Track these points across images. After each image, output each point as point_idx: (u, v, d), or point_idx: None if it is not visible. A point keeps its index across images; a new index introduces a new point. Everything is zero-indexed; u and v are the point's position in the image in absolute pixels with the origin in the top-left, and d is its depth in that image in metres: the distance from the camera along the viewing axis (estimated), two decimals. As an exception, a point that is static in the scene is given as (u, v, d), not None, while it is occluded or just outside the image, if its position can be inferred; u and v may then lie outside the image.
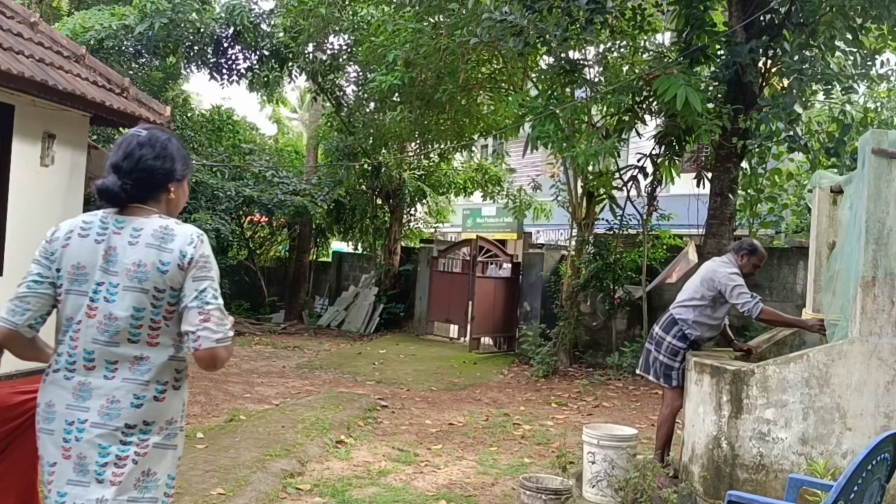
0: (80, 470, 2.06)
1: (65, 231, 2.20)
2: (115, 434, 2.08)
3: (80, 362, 2.12)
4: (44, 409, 2.14)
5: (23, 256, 6.44)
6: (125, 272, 2.11)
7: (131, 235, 2.14)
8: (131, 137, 2.23)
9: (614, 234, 11.76)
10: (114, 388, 2.09)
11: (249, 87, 16.68)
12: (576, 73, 9.86)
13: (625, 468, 4.80)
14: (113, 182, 2.15)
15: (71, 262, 2.16)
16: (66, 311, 2.16)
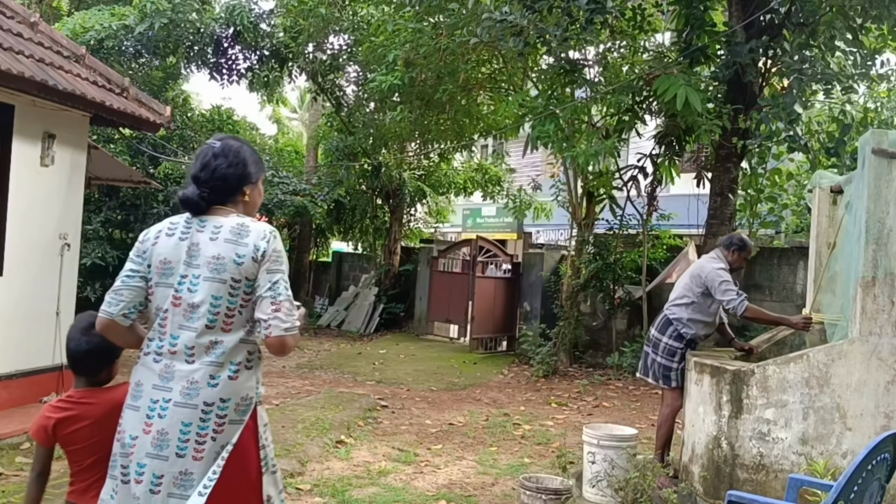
0: (159, 444, 2.27)
1: (154, 232, 2.46)
2: (193, 412, 2.28)
3: (167, 347, 2.34)
4: (133, 387, 2.37)
5: (23, 256, 6.44)
6: (206, 265, 2.34)
7: (212, 232, 2.38)
8: (207, 149, 2.49)
9: (614, 234, 11.76)
10: (192, 371, 2.31)
11: (249, 87, 16.67)
12: (576, 73, 9.86)
13: (625, 468, 4.80)
14: (192, 192, 2.41)
15: (159, 258, 2.39)
16: (156, 302, 2.39)
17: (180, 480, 2.27)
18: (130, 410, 2.36)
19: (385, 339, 14.98)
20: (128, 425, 2.34)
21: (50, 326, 6.78)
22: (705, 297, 5.21)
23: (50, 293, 6.79)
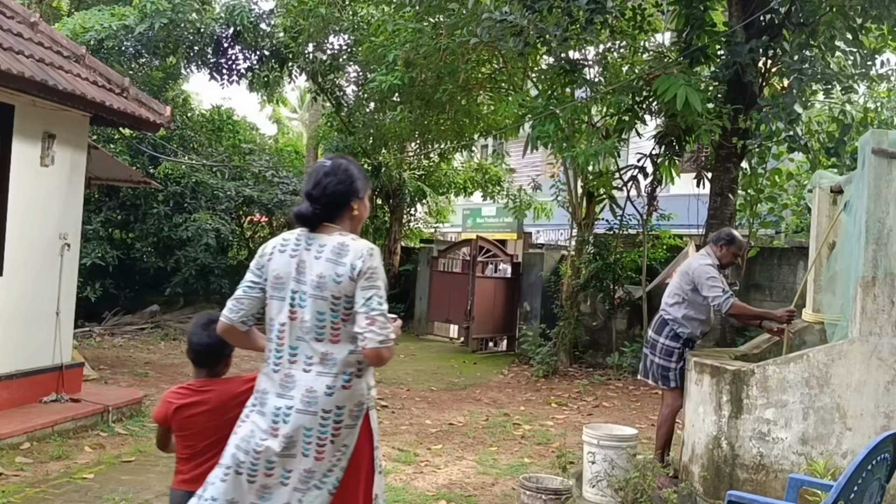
0: (286, 446, 2.50)
1: (270, 247, 2.67)
2: (315, 417, 2.50)
3: (286, 357, 2.57)
4: (259, 394, 2.60)
5: (23, 256, 6.44)
6: (311, 282, 2.55)
7: (317, 251, 2.59)
8: (319, 167, 2.71)
9: (614, 234, 11.76)
10: (310, 380, 2.52)
11: (249, 87, 16.66)
12: (576, 73, 9.85)
13: (625, 468, 4.80)
14: (306, 209, 2.62)
15: (273, 273, 2.61)
16: (271, 313, 2.61)
17: (304, 477, 2.52)
18: (257, 414, 2.57)
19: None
20: (257, 427, 2.55)
21: (50, 326, 6.78)
22: (696, 294, 5.22)
23: (50, 293, 6.79)
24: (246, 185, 15.78)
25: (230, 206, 15.78)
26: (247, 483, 2.53)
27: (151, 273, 15.27)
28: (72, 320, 7.17)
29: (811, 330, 5.28)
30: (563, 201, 12.01)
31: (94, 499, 4.65)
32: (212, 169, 15.62)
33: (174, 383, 9.57)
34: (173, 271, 15.05)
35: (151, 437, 6.40)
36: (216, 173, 15.71)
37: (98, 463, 5.45)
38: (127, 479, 5.04)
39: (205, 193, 15.29)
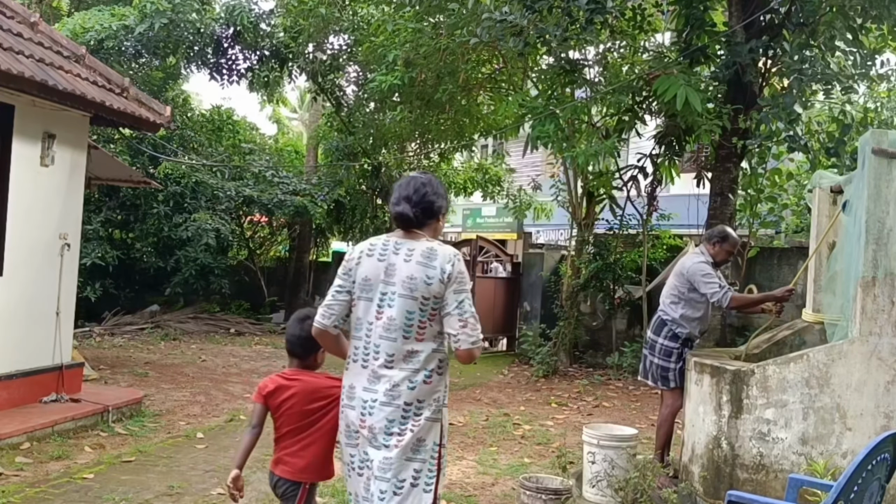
0: (372, 437, 2.72)
1: (357, 252, 2.88)
2: (396, 410, 2.70)
3: (372, 354, 2.76)
4: (347, 389, 2.82)
5: (23, 256, 6.44)
6: (401, 283, 2.74)
7: (406, 255, 2.78)
8: (416, 178, 2.93)
9: (614, 234, 11.76)
10: (394, 375, 2.72)
11: (249, 88, 16.66)
12: (576, 73, 9.86)
13: (625, 468, 4.80)
14: (406, 209, 2.82)
15: (362, 275, 2.81)
16: (359, 313, 2.82)
17: (381, 465, 2.70)
18: (348, 409, 2.81)
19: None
20: (350, 422, 2.79)
21: (50, 326, 6.78)
22: (693, 293, 5.23)
23: (50, 293, 6.79)
24: (246, 185, 15.78)
25: (230, 206, 15.78)
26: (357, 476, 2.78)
27: (151, 273, 15.27)
28: (72, 320, 7.18)
29: (811, 330, 5.27)
30: (563, 201, 12.01)
31: (94, 499, 4.65)
32: (212, 169, 15.62)
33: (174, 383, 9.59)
34: (173, 271, 15.05)
35: (151, 436, 6.41)
36: (216, 173, 15.71)
37: (98, 463, 5.45)
38: (127, 479, 5.04)
39: (205, 193, 15.29)
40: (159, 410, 7.44)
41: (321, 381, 3.12)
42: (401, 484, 2.70)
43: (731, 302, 5.12)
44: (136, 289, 15.71)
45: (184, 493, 4.81)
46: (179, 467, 5.39)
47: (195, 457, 5.70)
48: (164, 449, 5.93)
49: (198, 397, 8.25)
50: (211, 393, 8.54)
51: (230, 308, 16.52)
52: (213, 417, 7.35)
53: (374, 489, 2.70)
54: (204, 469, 5.36)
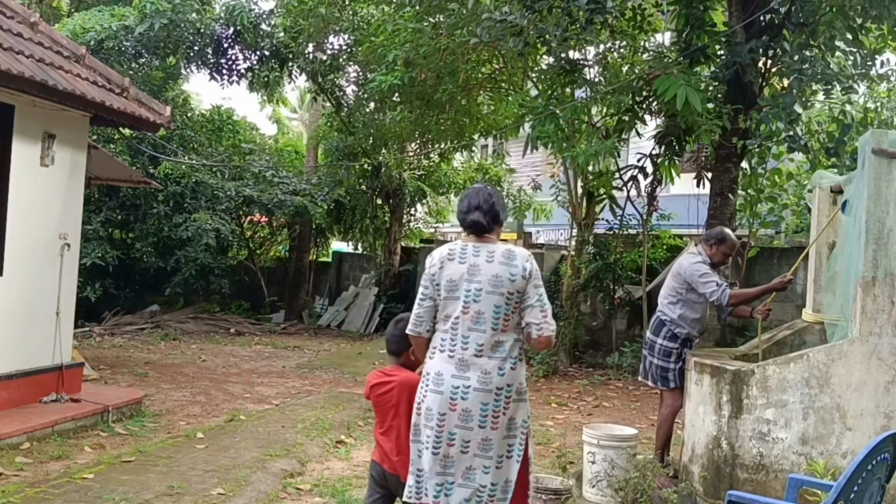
0: (464, 419, 3.08)
1: (437, 259, 3.22)
2: (489, 395, 3.09)
3: (459, 345, 3.12)
4: (434, 376, 3.14)
5: (23, 256, 6.44)
6: (487, 281, 3.12)
7: (487, 257, 3.17)
8: (483, 189, 3.33)
9: (614, 234, 11.76)
10: (484, 363, 3.10)
11: (249, 88, 16.66)
12: (576, 73, 9.85)
13: (625, 468, 4.80)
14: (479, 217, 3.21)
15: (446, 278, 3.16)
16: (446, 311, 3.17)
17: (482, 445, 3.10)
18: (434, 394, 3.12)
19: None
20: (434, 405, 3.11)
21: (50, 326, 6.78)
22: (691, 293, 5.23)
23: (50, 293, 6.79)
24: (246, 185, 15.78)
25: (230, 206, 15.78)
26: (432, 455, 3.09)
27: (151, 273, 15.27)
28: (72, 320, 7.17)
29: (811, 330, 5.28)
30: (563, 201, 12.01)
31: (94, 499, 4.65)
32: (212, 169, 15.62)
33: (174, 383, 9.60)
34: (173, 271, 15.05)
35: (151, 436, 6.42)
36: (216, 173, 15.71)
37: (98, 463, 5.45)
38: (127, 479, 5.04)
39: (205, 193, 15.29)
40: (159, 410, 7.44)
41: (416, 378, 3.39)
42: (500, 459, 3.14)
43: (731, 299, 5.11)
44: (136, 289, 15.71)
45: (184, 493, 4.81)
46: (179, 467, 5.40)
47: (195, 457, 5.70)
48: (164, 449, 5.93)
49: (198, 397, 8.25)
50: (211, 393, 8.54)
51: (230, 308, 16.53)
52: (213, 417, 7.35)
53: (474, 464, 3.10)
54: (204, 469, 5.36)
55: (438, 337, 3.18)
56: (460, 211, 3.29)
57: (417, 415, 3.19)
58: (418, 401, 3.20)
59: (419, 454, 3.17)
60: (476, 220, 3.21)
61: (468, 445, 3.10)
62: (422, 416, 3.16)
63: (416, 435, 3.19)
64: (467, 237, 3.28)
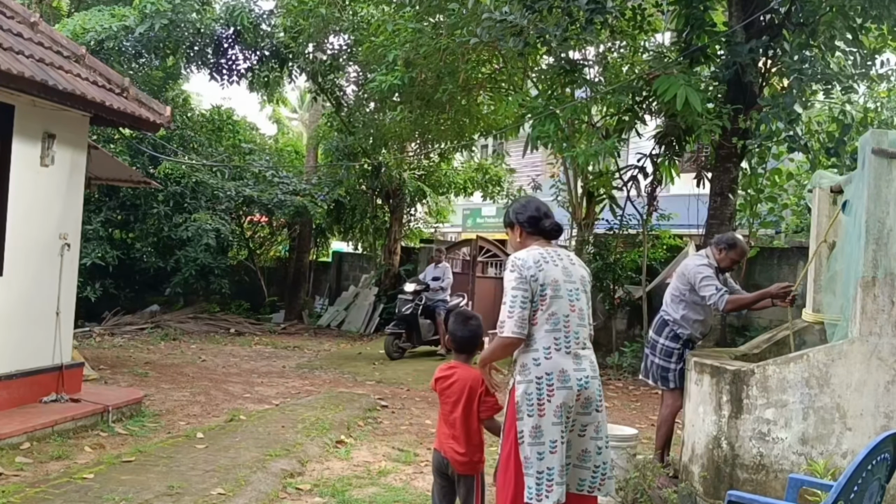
0: (586, 406, 3.34)
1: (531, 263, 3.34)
2: (598, 380, 3.41)
3: (573, 340, 3.35)
4: (558, 374, 3.29)
5: (23, 256, 6.44)
6: (579, 282, 3.44)
7: (569, 260, 3.47)
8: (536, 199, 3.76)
9: (614, 234, 11.76)
10: (589, 354, 3.41)
11: (249, 88, 16.66)
12: (576, 73, 9.86)
13: (625, 468, 4.80)
14: (555, 224, 3.53)
15: (551, 279, 3.34)
16: (554, 309, 3.32)
17: (597, 428, 3.37)
18: (564, 390, 3.27)
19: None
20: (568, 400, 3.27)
21: (50, 326, 6.78)
22: (694, 294, 5.24)
23: (50, 293, 6.79)
24: (246, 185, 15.78)
25: (230, 206, 15.78)
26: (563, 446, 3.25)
27: (151, 273, 15.28)
28: (72, 320, 7.17)
29: (811, 330, 5.28)
30: (563, 201, 12.01)
31: (94, 499, 4.65)
32: (212, 169, 15.62)
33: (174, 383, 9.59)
34: (173, 271, 15.05)
35: (151, 436, 6.41)
36: (216, 173, 15.71)
37: (98, 463, 5.44)
38: (127, 479, 5.04)
39: (205, 193, 15.29)
40: (159, 410, 7.44)
41: (477, 372, 3.64)
42: (607, 439, 3.43)
43: (727, 305, 5.12)
44: (136, 289, 15.72)
45: (184, 493, 4.81)
46: (179, 467, 5.39)
47: (195, 457, 5.70)
48: (164, 449, 5.93)
49: (198, 397, 8.25)
50: (211, 393, 8.54)
51: (230, 308, 16.53)
52: (213, 417, 7.34)
53: (589, 446, 3.34)
54: (204, 469, 5.36)
55: (550, 336, 3.30)
56: (531, 216, 3.50)
57: (541, 416, 3.25)
58: (539, 401, 3.27)
59: (542, 455, 3.24)
60: (557, 224, 3.53)
61: (585, 429, 3.34)
62: (550, 415, 3.25)
63: (539, 437, 3.25)
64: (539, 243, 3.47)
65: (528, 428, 3.27)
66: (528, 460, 3.25)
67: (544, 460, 3.24)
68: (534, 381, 3.28)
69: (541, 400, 3.26)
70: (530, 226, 3.50)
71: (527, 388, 3.29)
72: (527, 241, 3.51)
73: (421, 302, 12.03)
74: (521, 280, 3.30)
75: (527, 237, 3.52)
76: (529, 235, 3.51)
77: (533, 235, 3.50)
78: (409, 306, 11.96)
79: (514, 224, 3.57)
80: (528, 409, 3.27)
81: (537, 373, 3.28)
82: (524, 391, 3.29)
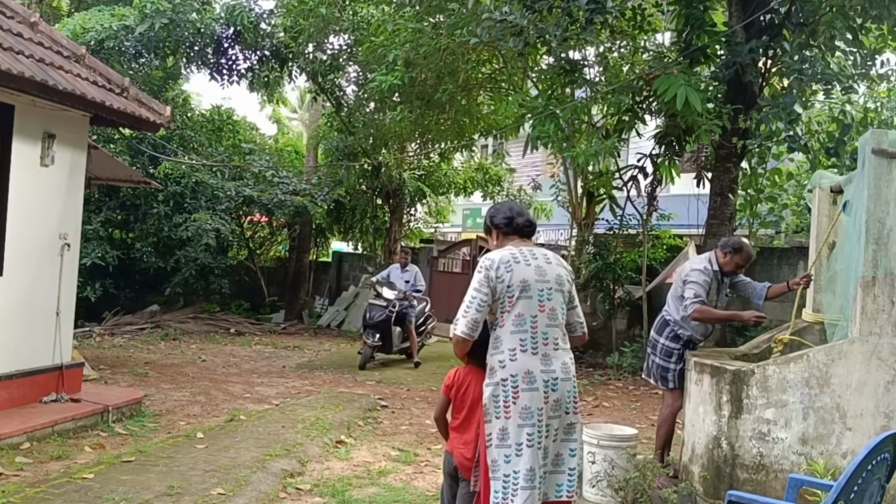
0: (556, 408, 3.27)
1: (498, 264, 3.30)
2: (571, 382, 3.35)
3: (541, 341, 3.29)
4: (524, 375, 3.24)
5: (23, 256, 6.44)
6: (553, 281, 3.35)
7: (544, 259, 3.40)
8: (514, 202, 3.80)
9: (614, 234, 11.76)
10: (562, 355, 3.35)
11: (249, 88, 16.65)
12: (576, 73, 9.86)
13: (625, 468, 4.80)
14: (529, 219, 3.51)
15: (518, 279, 3.28)
16: (520, 309, 3.27)
17: (567, 430, 3.34)
18: (529, 392, 3.22)
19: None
20: (532, 403, 3.21)
21: (50, 326, 6.78)
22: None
23: (50, 293, 6.79)
24: (246, 185, 15.78)
25: (230, 206, 15.77)
26: (535, 451, 3.19)
27: (151, 273, 15.27)
28: (72, 320, 7.17)
29: (811, 330, 5.28)
30: (563, 201, 12.01)
31: (94, 499, 4.65)
32: (212, 169, 15.62)
33: (174, 383, 9.59)
34: (173, 271, 15.05)
35: (151, 436, 6.42)
36: (216, 173, 15.70)
37: (98, 463, 5.44)
38: (127, 479, 5.04)
39: (205, 193, 15.28)
40: (159, 410, 7.44)
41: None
42: (579, 441, 3.45)
43: (694, 313, 5.13)
44: (136, 289, 15.71)
45: (184, 493, 4.81)
46: (179, 467, 5.39)
47: (195, 457, 5.70)
48: (164, 449, 5.93)
49: (198, 397, 8.25)
50: (211, 393, 8.54)
51: (230, 308, 16.52)
52: (213, 417, 7.34)
53: (562, 450, 3.32)
54: (204, 469, 5.36)
55: (515, 338, 3.25)
56: (504, 217, 3.47)
57: (507, 418, 3.21)
58: (505, 403, 3.22)
59: (509, 457, 3.19)
60: (530, 221, 3.50)
61: (556, 432, 3.29)
62: (515, 417, 3.20)
63: (505, 439, 3.21)
64: (514, 242, 3.44)
65: (495, 430, 3.24)
66: (495, 463, 3.22)
67: (510, 463, 3.20)
68: (500, 384, 3.25)
69: (507, 402, 3.23)
70: (505, 226, 3.48)
71: (494, 390, 3.26)
72: (503, 242, 3.50)
73: (395, 309, 11.42)
74: (485, 281, 3.27)
75: (503, 238, 3.50)
76: (505, 236, 3.49)
77: (508, 236, 3.48)
78: (382, 313, 11.34)
79: (491, 228, 3.55)
80: (496, 412, 3.25)
81: (502, 375, 3.25)
82: (491, 393, 3.27)
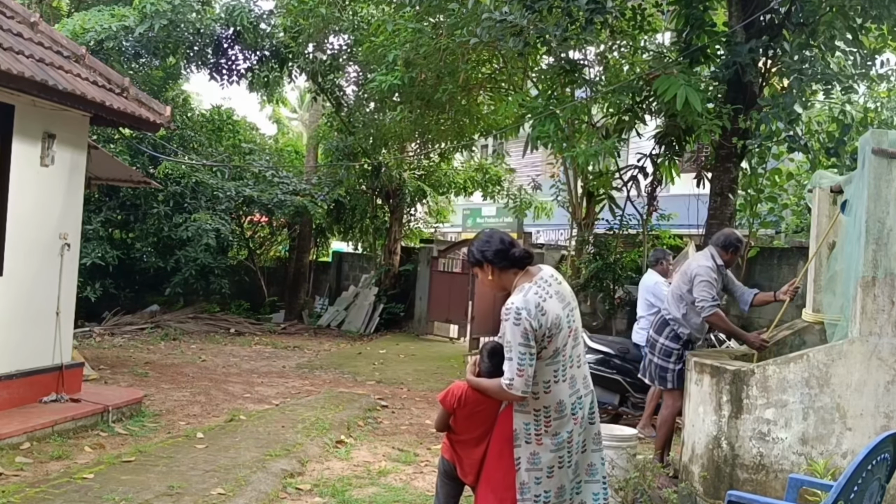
0: (582, 423, 3.32)
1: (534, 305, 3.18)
2: (592, 394, 3.41)
3: (568, 365, 3.28)
4: (556, 406, 3.25)
5: (23, 256, 6.44)
6: (570, 299, 3.37)
7: (556, 281, 3.35)
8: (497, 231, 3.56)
9: (614, 234, 11.75)
10: (584, 369, 3.39)
11: (249, 88, 16.66)
12: (576, 73, 9.85)
13: (625, 468, 4.80)
14: (524, 249, 3.41)
15: (552, 318, 3.21)
16: (555, 345, 3.23)
17: (595, 439, 3.42)
18: (560, 419, 3.25)
19: (385, 339, 14.98)
20: (561, 429, 3.25)
21: (50, 326, 6.78)
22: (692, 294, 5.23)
23: (50, 293, 6.79)
24: (246, 185, 15.78)
25: (230, 206, 15.78)
26: (566, 469, 3.26)
27: (151, 273, 15.28)
28: (72, 320, 7.17)
29: (811, 330, 5.28)
30: (563, 201, 12.01)
31: (94, 499, 4.65)
32: (212, 169, 15.62)
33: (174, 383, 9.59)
34: (173, 271, 15.05)
35: (151, 436, 6.42)
36: (216, 173, 15.71)
37: (98, 463, 5.44)
38: (127, 479, 5.04)
39: (205, 193, 15.28)
40: (159, 410, 7.44)
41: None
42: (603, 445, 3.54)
43: (712, 316, 5.14)
44: (136, 289, 15.71)
45: (184, 493, 4.81)
46: (179, 467, 5.39)
47: (195, 457, 5.70)
48: (164, 449, 5.93)
49: (198, 397, 8.25)
50: (211, 393, 8.54)
51: (230, 308, 16.53)
52: (213, 417, 7.34)
53: (594, 459, 3.40)
54: (204, 469, 5.36)
55: (550, 369, 3.22)
56: (497, 251, 3.30)
57: (539, 444, 3.22)
58: (537, 432, 3.23)
59: (539, 480, 3.23)
60: (526, 251, 3.43)
61: (584, 444, 3.35)
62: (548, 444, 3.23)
63: (536, 463, 3.23)
64: (519, 276, 3.31)
65: (525, 455, 3.25)
66: (525, 485, 3.24)
67: (541, 484, 3.24)
68: (531, 413, 3.24)
69: (538, 431, 3.25)
70: (501, 260, 3.31)
71: (524, 418, 3.25)
72: (501, 277, 3.34)
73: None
74: (527, 333, 3.12)
75: (500, 273, 3.34)
76: (503, 270, 3.33)
77: (506, 270, 3.32)
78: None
79: (483, 262, 3.35)
80: (526, 437, 3.26)
81: (535, 406, 3.24)
82: (522, 422, 3.25)
